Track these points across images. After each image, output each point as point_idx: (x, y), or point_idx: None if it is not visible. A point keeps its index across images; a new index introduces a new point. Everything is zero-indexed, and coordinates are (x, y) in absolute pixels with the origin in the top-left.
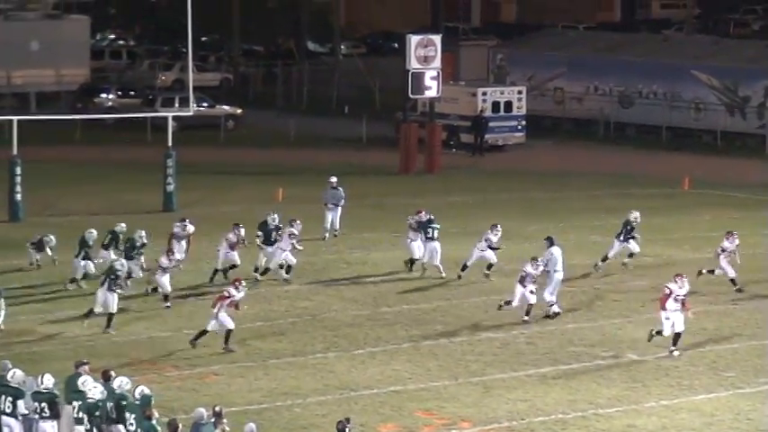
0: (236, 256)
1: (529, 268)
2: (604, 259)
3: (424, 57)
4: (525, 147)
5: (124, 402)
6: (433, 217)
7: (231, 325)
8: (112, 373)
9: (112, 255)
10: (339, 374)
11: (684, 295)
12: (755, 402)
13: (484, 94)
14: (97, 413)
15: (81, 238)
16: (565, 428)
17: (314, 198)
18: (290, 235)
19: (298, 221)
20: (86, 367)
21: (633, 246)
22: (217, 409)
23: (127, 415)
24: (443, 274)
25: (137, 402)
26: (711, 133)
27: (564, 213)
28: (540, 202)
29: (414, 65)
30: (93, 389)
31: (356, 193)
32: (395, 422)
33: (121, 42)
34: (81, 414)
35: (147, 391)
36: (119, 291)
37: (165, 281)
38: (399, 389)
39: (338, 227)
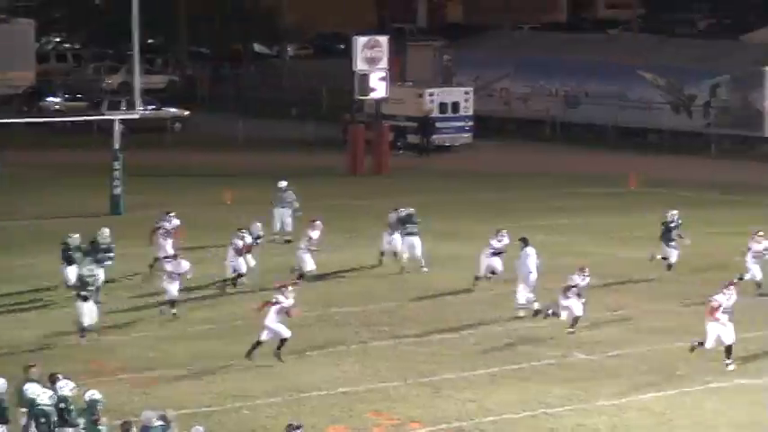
0: (242, 264)
1: (576, 279)
2: (669, 267)
3: (371, 58)
4: (472, 147)
5: (63, 405)
6: (413, 211)
7: (286, 333)
8: (59, 376)
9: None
10: (288, 376)
11: (731, 305)
12: (704, 400)
13: (431, 94)
14: (43, 419)
15: (63, 243)
16: (514, 428)
17: (263, 200)
18: (308, 239)
19: (318, 221)
20: (35, 369)
21: (671, 251)
22: (166, 412)
23: (78, 419)
24: (425, 268)
25: (86, 407)
26: (657, 132)
27: (512, 213)
28: (488, 202)
29: (361, 66)
30: (41, 394)
31: (305, 196)
32: (345, 424)
33: (67, 45)
34: (29, 419)
35: (96, 395)
36: (95, 300)
37: (173, 288)
38: (349, 390)
39: (290, 229)
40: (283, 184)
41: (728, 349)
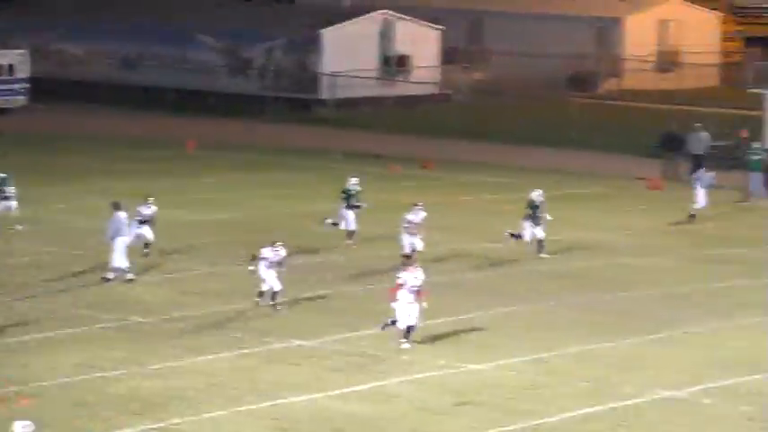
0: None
1: (268, 252)
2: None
3: None
4: (28, 110)
5: None
6: (5, 176)
7: None
8: None
9: None
10: None
11: (419, 285)
12: (258, 362)
13: None
14: None
15: None
16: (69, 392)
17: None
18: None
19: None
20: None
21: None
22: None
23: None
24: (20, 227)
25: None
26: (216, 95)
27: (67, 177)
28: (44, 165)
29: None
30: None
31: None
32: None
33: None
34: None
35: None
36: None
37: None
38: None
39: None
40: None
41: (408, 329)
